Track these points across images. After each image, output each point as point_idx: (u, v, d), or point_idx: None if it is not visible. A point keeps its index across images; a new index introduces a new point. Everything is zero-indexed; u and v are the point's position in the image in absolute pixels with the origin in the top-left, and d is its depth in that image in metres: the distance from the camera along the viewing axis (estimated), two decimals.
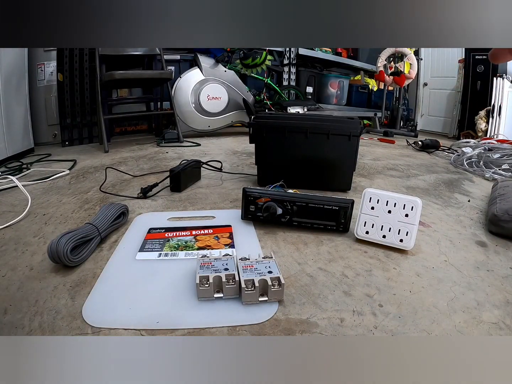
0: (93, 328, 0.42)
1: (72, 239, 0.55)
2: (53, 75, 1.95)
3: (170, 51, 2.30)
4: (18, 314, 0.44)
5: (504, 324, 0.44)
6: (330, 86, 3.05)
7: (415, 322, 0.44)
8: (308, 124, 0.96)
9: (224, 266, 0.50)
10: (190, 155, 1.52)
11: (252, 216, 0.72)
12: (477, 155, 1.49)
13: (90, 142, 2.02)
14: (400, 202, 0.63)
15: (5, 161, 1.41)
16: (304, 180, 0.99)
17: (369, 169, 1.34)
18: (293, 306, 0.47)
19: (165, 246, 0.63)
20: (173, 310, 0.46)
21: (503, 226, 0.71)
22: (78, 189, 1.02)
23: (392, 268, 0.57)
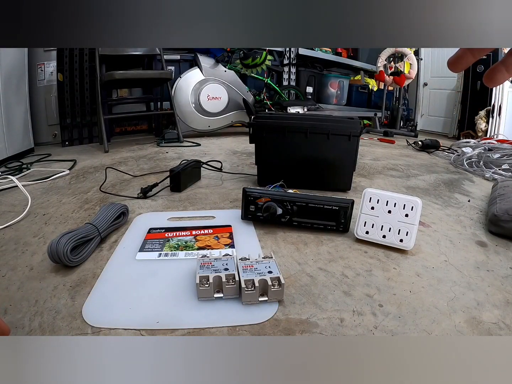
0: (93, 328, 0.42)
1: (72, 239, 0.55)
2: (53, 75, 1.95)
3: (170, 51, 2.30)
4: (18, 314, 0.44)
5: (504, 324, 0.44)
6: (330, 86, 3.05)
7: (415, 322, 0.44)
8: (308, 124, 0.96)
9: (224, 266, 0.50)
10: (190, 155, 1.52)
11: (252, 216, 0.72)
12: (477, 155, 1.49)
13: (90, 142, 2.02)
14: (400, 202, 0.63)
15: (5, 161, 1.41)
16: (304, 180, 0.99)
17: (369, 169, 1.34)
18: (293, 306, 0.47)
19: (165, 246, 0.63)
20: (173, 310, 0.46)
21: (503, 226, 0.71)
22: (78, 189, 1.02)
23: (392, 268, 0.57)
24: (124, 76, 1.73)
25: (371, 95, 3.43)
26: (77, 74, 1.95)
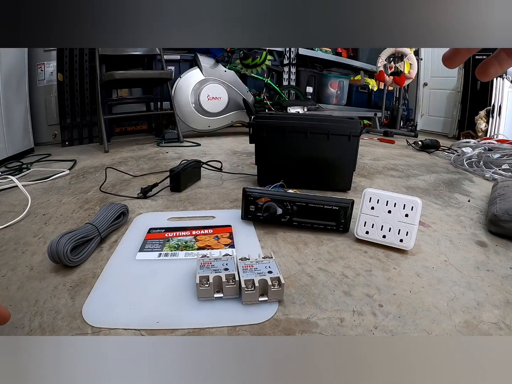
0: (93, 328, 0.42)
1: (72, 239, 0.55)
2: (53, 75, 1.95)
3: (170, 51, 2.30)
4: (18, 314, 0.44)
5: (504, 324, 0.44)
6: (330, 86, 3.05)
7: (415, 322, 0.44)
8: (308, 124, 0.96)
9: (224, 266, 0.50)
10: (190, 155, 1.52)
11: (252, 216, 0.72)
12: (477, 155, 1.49)
13: (90, 142, 2.02)
14: (400, 202, 0.63)
15: (5, 161, 1.41)
16: (304, 180, 0.99)
17: (369, 169, 1.34)
18: (293, 306, 0.47)
19: (165, 246, 0.63)
20: (173, 310, 0.46)
21: (503, 226, 0.71)
22: (78, 189, 1.02)
23: (392, 268, 0.57)
24: (124, 76, 1.73)
25: (371, 95, 3.43)
26: (77, 74, 1.95)
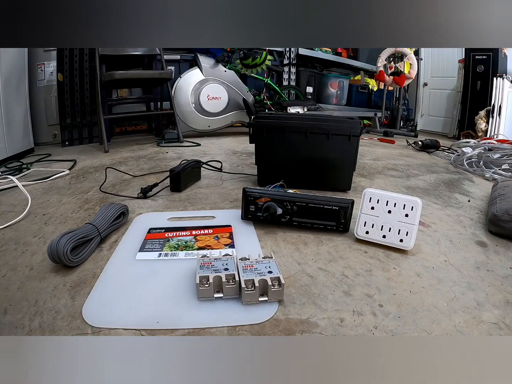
0: (93, 328, 0.42)
1: (72, 239, 0.55)
2: (53, 75, 1.95)
3: (170, 51, 2.30)
4: (18, 314, 0.44)
5: (504, 324, 0.44)
6: (330, 86, 3.05)
7: (415, 322, 0.44)
8: (308, 124, 0.96)
9: (224, 266, 0.50)
10: (190, 155, 1.52)
11: (252, 216, 0.72)
12: (477, 155, 1.49)
13: (90, 142, 2.02)
14: (400, 202, 0.63)
15: (5, 161, 1.41)
16: (304, 180, 0.99)
17: (369, 169, 1.34)
18: (293, 306, 0.47)
19: (165, 246, 0.63)
20: (173, 310, 0.46)
21: (503, 226, 0.71)
22: (78, 189, 1.02)
23: (392, 268, 0.57)
24: (124, 76, 1.72)
25: (371, 95, 3.43)
26: (77, 74, 1.95)
